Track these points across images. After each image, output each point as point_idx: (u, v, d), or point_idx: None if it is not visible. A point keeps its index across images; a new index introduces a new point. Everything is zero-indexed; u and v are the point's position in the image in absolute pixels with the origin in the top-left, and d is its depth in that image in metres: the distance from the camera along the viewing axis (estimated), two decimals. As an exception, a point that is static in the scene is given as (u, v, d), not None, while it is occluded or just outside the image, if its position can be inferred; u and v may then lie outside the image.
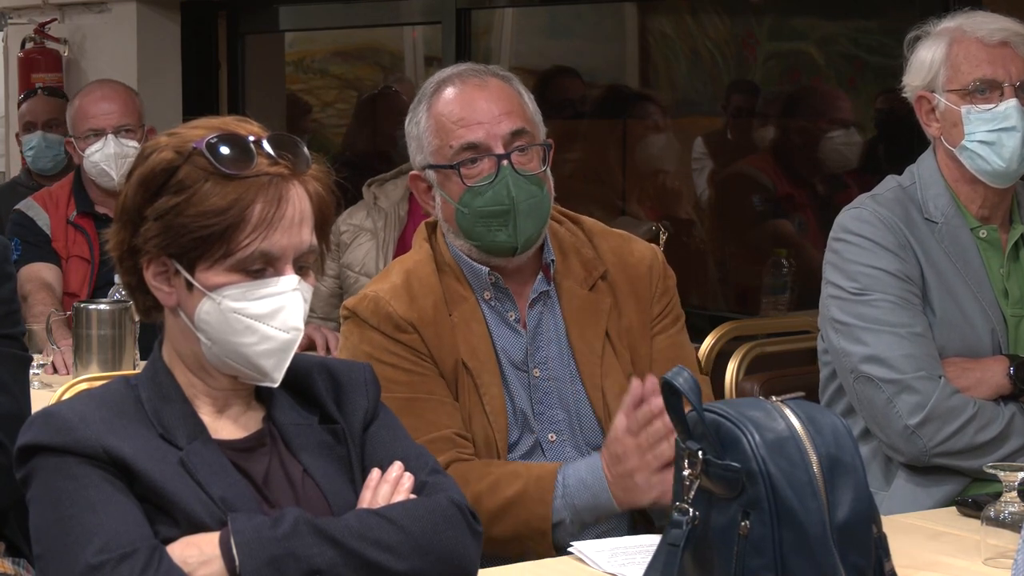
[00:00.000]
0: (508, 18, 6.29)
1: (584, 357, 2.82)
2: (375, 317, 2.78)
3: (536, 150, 2.80)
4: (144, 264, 2.09)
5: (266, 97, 6.85)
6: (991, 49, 3.05)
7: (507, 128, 2.77)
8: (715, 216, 5.66)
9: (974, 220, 3.12)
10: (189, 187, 2.04)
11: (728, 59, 5.58)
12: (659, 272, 2.91)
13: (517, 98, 2.82)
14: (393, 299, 2.78)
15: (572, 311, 2.84)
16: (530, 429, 2.79)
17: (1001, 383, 3.00)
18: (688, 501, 1.90)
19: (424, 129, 2.83)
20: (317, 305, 4.62)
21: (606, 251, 2.90)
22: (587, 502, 2.65)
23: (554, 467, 2.70)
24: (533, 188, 2.78)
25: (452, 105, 2.80)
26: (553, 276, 2.86)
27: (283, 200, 2.05)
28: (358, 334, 2.79)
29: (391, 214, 4.61)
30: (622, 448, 2.62)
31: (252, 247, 2.04)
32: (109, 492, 2.00)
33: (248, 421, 2.16)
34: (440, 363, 2.77)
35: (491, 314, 2.83)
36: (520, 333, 2.83)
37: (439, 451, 2.58)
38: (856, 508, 1.86)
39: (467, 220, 2.79)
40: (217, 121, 2.12)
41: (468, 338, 2.78)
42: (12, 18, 7.13)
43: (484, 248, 2.80)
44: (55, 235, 4.81)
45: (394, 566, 2.05)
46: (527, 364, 2.82)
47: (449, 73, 2.86)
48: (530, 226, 2.78)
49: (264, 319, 2.06)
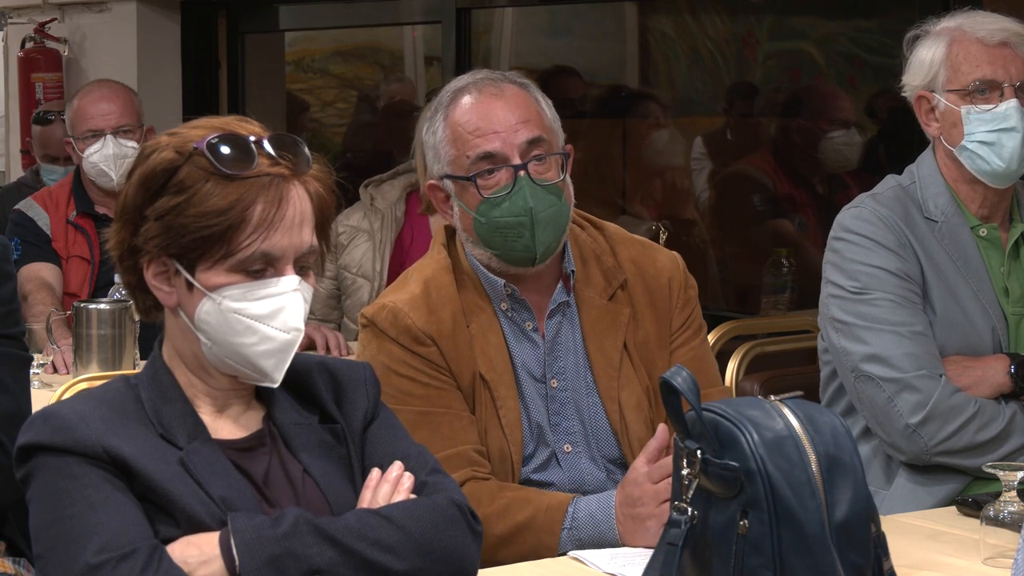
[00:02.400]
0: (508, 17, 6.29)
1: (601, 369, 2.79)
2: (393, 328, 2.75)
3: (554, 159, 2.77)
4: (144, 264, 2.09)
5: (266, 96, 6.85)
6: (991, 49, 3.05)
7: (524, 137, 2.74)
8: (715, 215, 5.66)
9: (974, 219, 3.12)
10: (190, 187, 2.04)
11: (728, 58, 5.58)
12: (680, 283, 2.87)
13: (535, 106, 2.79)
14: (412, 311, 2.75)
15: (591, 322, 2.81)
16: (545, 442, 2.77)
17: (1002, 381, 3.00)
18: (687, 500, 1.90)
19: (441, 139, 2.79)
20: (315, 306, 4.61)
21: (626, 260, 2.86)
22: (593, 537, 2.61)
23: (567, 498, 2.67)
24: (551, 198, 2.74)
25: (469, 114, 2.76)
26: (573, 286, 2.83)
27: (284, 201, 2.05)
28: (376, 345, 2.77)
29: (388, 215, 4.61)
30: (639, 492, 2.57)
31: (253, 248, 2.04)
32: (109, 492, 2.00)
33: (248, 421, 2.16)
34: (458, 376, 2.74)
35: (508, 325, 2.80)
36: (538, 344, 2.80)
37: (454, 468, 2.56)
38: (855, 507, 1.86)
39: (485, 230, 2.76)
40: (218, 121, 2.12)
41: (485, 349, 2.76)
42: (12, 17, 7.13)
43: (503, 257, 2.77)
44: (55, 235, 4.81)
45: (394, 566, 2.05)
46: (544, 375, 2.79)
47: (466, 82, 2.82)
48: (548, 236, 2.75)
49: (264, 319, 2.06)
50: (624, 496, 2.60)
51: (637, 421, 2.76)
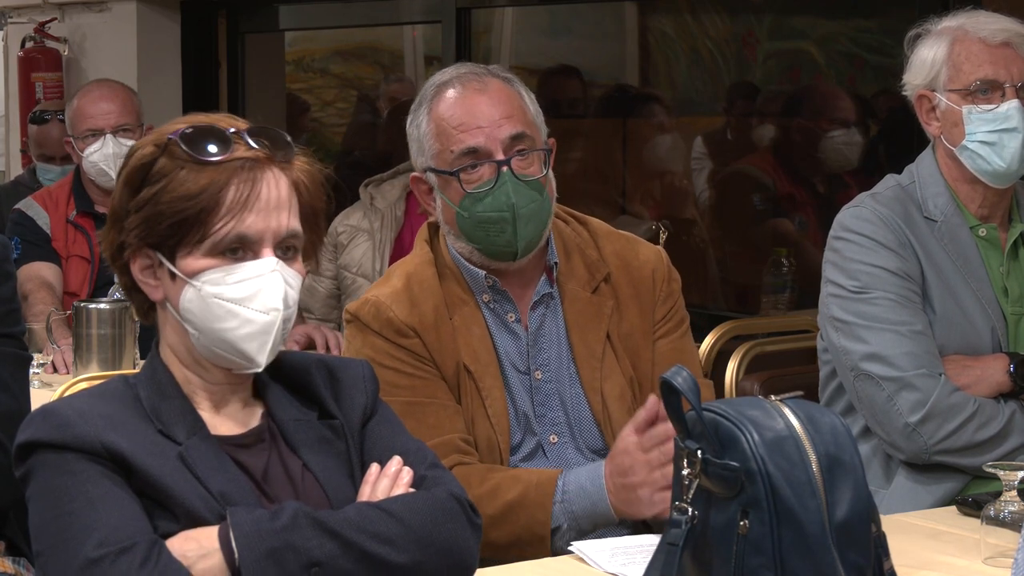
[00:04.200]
0: (508, 17, 6.29)
1: (584, 360, 2.82)
2: (376, 322, 2.78)
3: (537, 154, 2.80)
4: (131, 259, 2.10)
5: (266, 96, 6.85)
6: (993, 50, 3.05)
7: (507, 132, 2.76)
8: (715, 215, 5.66)
9: (973, 219, 3.12)
10: (166, 176, 2.05)
11: (728, 58, 5.58)
12: (663, 276, 2.90)
13: (518, 100, 2.81)
14: (394, 304, 2.78)
15: (574, 314, 2.83)
16: (532, 431, 2.79)
17: (1001, 381, 3.00)
18: (687, 500, 1.90)
19: (424, 132, 2.82)
20: (315, 306, 4.62)
21: (610, 253, 2.89)
22: (585, 509, 2.65)
23: (555, 473, 2.69)
24: (533, 193, 2.77)
25: (452, 109, 2.79)
26: (556, 278, 2.85)
27: (257, 183, 2.06)
28: (360, 339, 2.80)
29: (388, 215, 4.61)
30: (630, 461, 2.60)
31: (227, 229, 2.04)
32: (108, 487, 2.00)
33: (247, 417, 2.16)
34: (442, 367, 2.77)
35: (491, 317, 2.83)
36: (519, 335, 2.83)
37: (441, 456, 2.56)
38: (855, 507, 1.86)
39: (468, 224, 2.78)
40: (202, 116, 2.13)
41: (469, 341, 2.78)
42: (12, 17, 7.13)
43: (485, 252, 2.80)
44: (55, 234, 4.81)
45: (393, 559, 2.05)
46: (528, 366, 2.82)
47: (449, 75, 2.84)
48: (531, 231, 2.77)
49: (243, 302, 2.06)
50: (614, 467, 2.63)
51: (620, 412, 2.78)
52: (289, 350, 2.21)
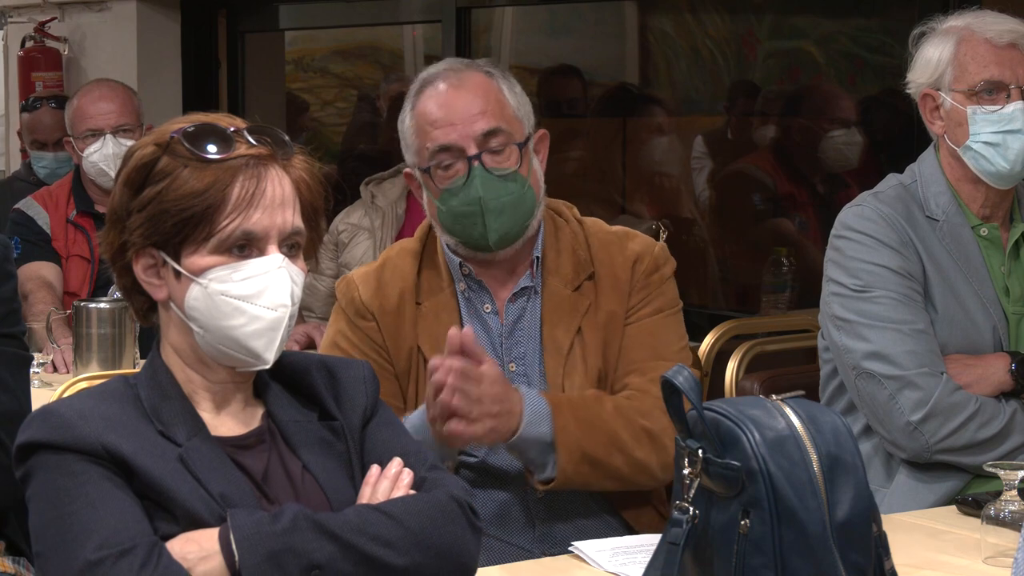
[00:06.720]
0: (508, 16, 6.29)
1: (550, 355, 2.85)
2: (344, 298, 2.90)
3: (514, 147, 2.82)
4: (133, 259, 2.09)
5: (266, 96, 6.85)
6: (999, 50, 3.04)
7: (480, 128, 2.80)
8: (715, 215, 5.65)
9: (975, 218, 3.12)
10: (169, 174, 2.05)
11: (728, 57, 5.58)
12: (647, 266, 2.91)
13: (495, 94, 2.84)
14: (362, 283, 2.88)
15: (550, 309, 2.87)
16: None
17: (1003, 380, 3.00)
18: (688, 500, 1.90)
19: (407, 128, 2.89)
20: (315, 305, 4.62)
21: (598, 251, 2.91)
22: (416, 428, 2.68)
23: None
24: (509, 185, 2.80)
25: (430, 106, 2.84)
26: (540, 273, 2.88)
27: (262, 180, 2.06)
28: (334, 315, 2.92)
29: (388, 213, 4.61)
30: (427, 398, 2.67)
31: (233, 226, 2.04)
32: (108, 489, 2.00)
33: (247, 418, 2.16)
34: (394, 352, 2.83)
35: (465, 305, 2.88)
36: (492, 326, 2.87)
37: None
38: (856, 507, 1.86)
39: (446, 219, 2.85)
40: (200, 115, 2.13)
41: (434, 328, 2.83)
42: (12, 17, 7.13)
43: (465, 244, 2.86)
44: (55, 234, 4.81)
45: (393, 561, 2.05)
46: (501, 358, 2.84)
47: (432, 72, 2.90)
48: (504, 223, 2.81)
49: (250, 299, 2.06)
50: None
51: None
52: (289, 350, 2.21)
